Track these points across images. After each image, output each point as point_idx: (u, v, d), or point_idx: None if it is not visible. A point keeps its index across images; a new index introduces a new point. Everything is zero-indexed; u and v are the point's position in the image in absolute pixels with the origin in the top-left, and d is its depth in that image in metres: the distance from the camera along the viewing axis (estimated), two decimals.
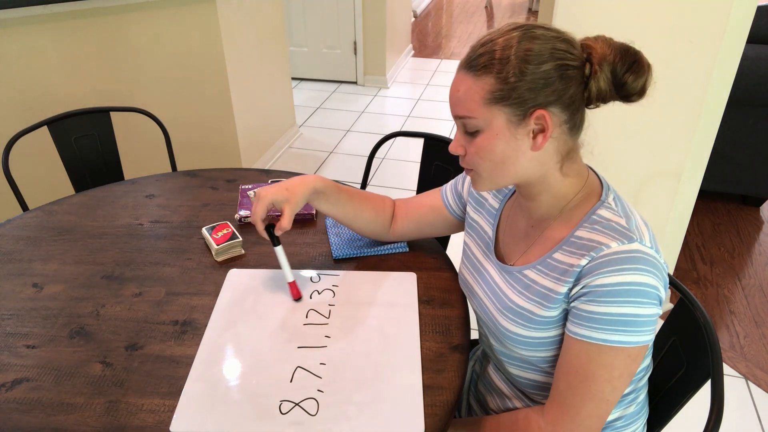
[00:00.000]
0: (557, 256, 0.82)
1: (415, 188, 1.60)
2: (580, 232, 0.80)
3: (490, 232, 0.98)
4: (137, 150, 2.32)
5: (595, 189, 0.84)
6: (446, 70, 4.68)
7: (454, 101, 0.80)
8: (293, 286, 1.07)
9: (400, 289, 1.09)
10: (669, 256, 2.00)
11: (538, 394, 0.93)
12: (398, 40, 4.55)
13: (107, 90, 2.29)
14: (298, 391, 0.89)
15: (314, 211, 1.31)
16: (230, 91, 2.61)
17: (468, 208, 1.05)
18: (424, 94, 4.19)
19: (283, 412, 0.85)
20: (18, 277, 1.13)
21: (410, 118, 3.82)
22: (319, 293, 1.08)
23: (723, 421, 0.89)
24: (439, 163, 1.53)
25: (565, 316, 0.81)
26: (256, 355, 0.95)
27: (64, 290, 1.10)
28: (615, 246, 0.75)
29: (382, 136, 1.57)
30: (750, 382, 1.84)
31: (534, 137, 0.77)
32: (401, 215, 1.15)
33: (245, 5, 2.66)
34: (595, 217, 0.80)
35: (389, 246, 1.20)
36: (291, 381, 0.90)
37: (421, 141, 1.55)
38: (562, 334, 0.82)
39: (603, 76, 0.75)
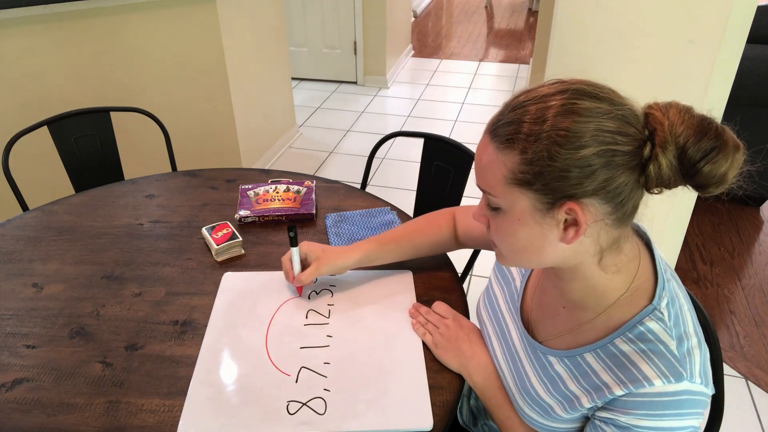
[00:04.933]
0: (588, 358, 0.72)
1: (415, 188, 1.60)
2: (620, 343, 0.68)
3: (518, 283, 0.88)
4: (137, 150, 2.32)
5: (646, 287, 0.69)
6: (446, 70, 4.68)
7: (477, 169, 0.68)
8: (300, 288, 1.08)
9: (397, 288, 1.09)
10: (669, 256, 2.00)
11: None
12: (398, 40, 4.55)
13: (107, 90, 2.29)
14: (305, 391, 0.89)
15: (314, 211, 1.31)
16: (230, 91, 2.61)
17: None
18: (424, 94, 4.19)
19: (291, 412, 0.85)
20: (18, 277, 1.13)
21: (410, 118, 3.82)
22: (317, 293, 1.08)
23: (723, 421, 0.89)
24: (439, 163, 1.53)
25: (583, 415, 0.74)
26: (259, 357, 0.95)
27: (64, 290, 1.10)
28: (659, 385, 0.63)
29: (382, 136, 1.57)
30: (750, 382, 1.84)
31: (565, 229, 0.64)
32: (463, 231, 1.07)
33: (245, 5, 2.66)
34: (641, 329, 0.67)
35: None
36: (296, 381, 0.90)
37: (421, 141, 1.55)
38: (578, 427, 0.77)
39: (665, 161, 0.59)
